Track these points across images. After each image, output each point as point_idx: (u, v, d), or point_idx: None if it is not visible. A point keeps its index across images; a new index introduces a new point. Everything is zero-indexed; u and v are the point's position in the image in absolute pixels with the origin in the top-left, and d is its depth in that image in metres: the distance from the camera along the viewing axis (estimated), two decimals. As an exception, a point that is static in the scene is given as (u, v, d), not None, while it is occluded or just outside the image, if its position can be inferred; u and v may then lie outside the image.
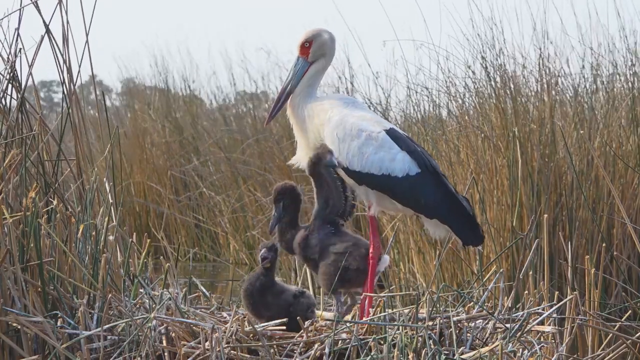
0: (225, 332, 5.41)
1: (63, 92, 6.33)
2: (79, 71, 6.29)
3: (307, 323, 5.43)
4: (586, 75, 10.01)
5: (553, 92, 9.77)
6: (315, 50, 5.76)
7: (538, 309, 5.64)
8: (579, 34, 10.07)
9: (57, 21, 6.33)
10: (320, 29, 5.78)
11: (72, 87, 6.27)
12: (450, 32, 9.88)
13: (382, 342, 5.33)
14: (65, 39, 6.26)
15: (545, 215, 7.21)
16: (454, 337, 5.39)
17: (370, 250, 5.65)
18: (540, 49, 9.79)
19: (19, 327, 5.54)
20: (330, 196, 5.74)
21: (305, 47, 5.77)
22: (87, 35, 6.25)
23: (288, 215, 5.78)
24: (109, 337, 5.51)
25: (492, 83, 9.66)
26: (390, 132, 5.66)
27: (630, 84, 9.86)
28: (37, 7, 6.24)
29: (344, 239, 5.74)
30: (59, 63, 6.28)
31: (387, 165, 5.63)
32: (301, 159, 5.78)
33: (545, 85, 9.70)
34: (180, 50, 18.40)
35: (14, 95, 6.23)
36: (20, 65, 6.27)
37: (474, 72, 9.78)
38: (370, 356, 5.27)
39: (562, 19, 10.14)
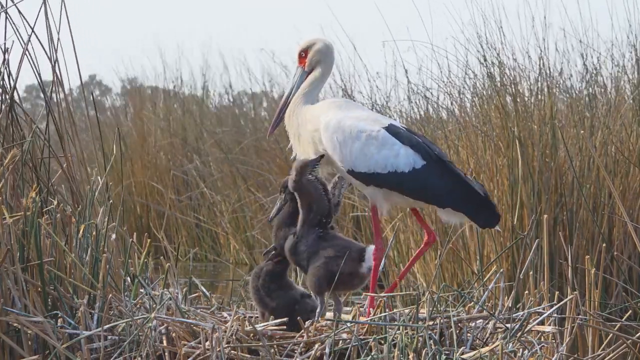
0: (225, 332, 5.41)
1: (44, 92, 6.33)
2: (61, 71, 6.29)
3: (307, 323, 5.43)
4: (587, 73, 10.01)
5: (554, 91, 9.77)
6: (311, 59, 5.77)
7: (538, 309, 5.64)
8: (580, 33, 10.08)
9: (53, 19, 6.33)
10: (316, 37, 5.80)
11: (58, 84, 6.27)
12: (450, 32, 9.89)
13: (382, 342, 5.34)
14: (50, 40, 6.26)
15: (546, 216, 7.21)
16: (455, 337, 5.39)
17: (373, 252, 5.67)
18: (540, 48, 9.80)
19: (19, 327, 5.54)
20: (313, 201, 5.73)
21: (302, 56, 5.79)
22: (71, 35, 6.25)
23: (289, 209, 5.79)
24: (109, 337, 5.51)
25: (493, 82, 9.67)
26: (390, 129, 5.67)
27: (633, 83, 9.86)
28: (18, 10, 6.24)
29: (333, 243, 5.74)
30: (36, 67, 6.28)
31: (392, 162, 5.63)
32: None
33: (546, 85, 9.71)
34: (181, 50, 18.41)
35: (3, 98, 6.24)
36: (9, 67, 6.27)
37: (474, 72, 9.78)
38: (370, 356, 5.27)
39: (563, 18, 10.16)
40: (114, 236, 5.93)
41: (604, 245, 6.93)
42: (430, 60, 9.95)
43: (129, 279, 5.89)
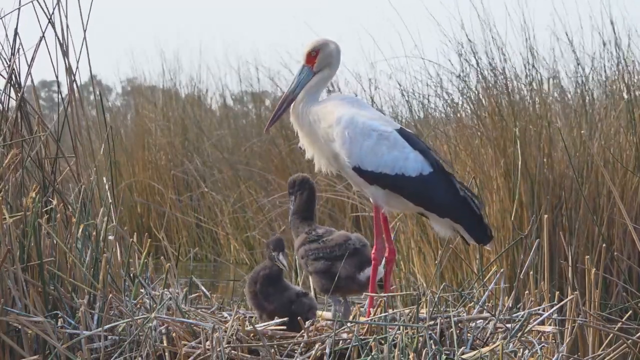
0: (225, 332, 5.41)
1: (58, 90, 6.33)
2: (77, 67, 6.29)
3: (307, 323, 5.43)
4: (580, 75, 10.03)
5: (550, 93, 9.80)
6: (321, 60, 5.74)
7: (538, 309, 5.64)
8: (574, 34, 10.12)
9: (56, 20, 6.33)
10: (327, 39, 5.77)
11: (72, 84, 6.26)
12: (442, 38, 9.94)
13: (382, 342, 5.34)
14: (64, 38, 6.26)
15: (546, 216, 7.21)
16: (455, 337, 5.40)
17: (373, 252, 5.69)
18: (532, 49, 9.82)
19: (20, 327, 5.54)
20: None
21: (312, 56, 5.75)
22: (84, 32, 6.25)
23: (304, 200, 5.87)
24: (109, 337, 5.51)
25: (488, 84, 9.68)
26: (401, 132, 5.68)
27: (624, 85, 9.88)
28: (40, 4, 6.24)
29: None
30: (55, 63, 6.28)
31: (400, 164, 5.62)
32: (322, 165, 5.75)
33: (538, 85, 9.73)
34: (182, 50, 18.41)
35: (13, 95, 6.23)
36: (19, 65, 6.27)
37: (468, 74, 9.81)
38: (371, 356, 5.27)
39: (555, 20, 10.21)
40: (112, 237, 5.93)
41: (604, 245, 6.93)
42: (426, 64, 10.00)
43: (129, 279, 5.89)
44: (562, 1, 10.85)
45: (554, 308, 5.64)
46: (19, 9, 6.23)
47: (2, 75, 6.23)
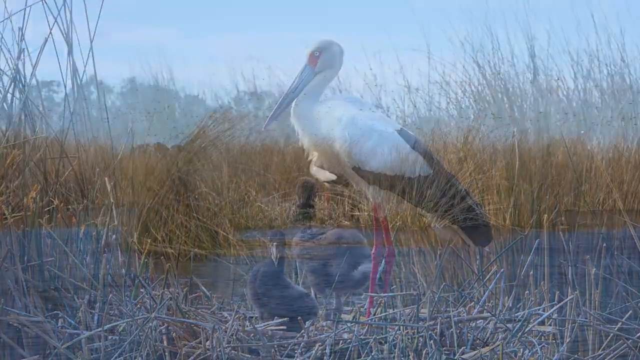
0: (226, 332, 5.41)
1: (64, 90, 6.34)
2: (89, 72, 6.31)
3: (307, 323, 5.44)
4: (579, 73, 10.05)
5: (550, 91, 9.81)
6: (323, 61, 5.76)
7: (538, 309, 5.64)
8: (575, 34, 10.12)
9: (61, 22, 6.34)
10: (331, 40, 5.79)
11: (76, 85, 6.27)
12: (445, 38, 9.96)
13: (383, 342, 5.34)
14: (69, 40, 6.26)
15: (545, 215, 7.21)
16: (455, 337, 5.39)
17: (373, 252, 5.69)
18: (532, 48, 9.84)
19: (20, 327, 5.54)
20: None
21: (315, 56, 5.77)
22: (91, 39, 6.25)
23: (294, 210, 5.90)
24: (109, 337, 5.51)
25: (488, 83, 9.69)
26: (402, 132, 5.68)
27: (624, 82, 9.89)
28: (47, 4, 6.25)
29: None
30: (59, 63, 6.28)
31: (400, 165, 5.63)
32: (323, 164, 5.76)
33: (539, 84, 9.74)
34: (181, 49, 18.41)
35: (17, 95, 6.24)
36: (23, 66, 6.28)
37: (469, 74, 9.82)
38: (371, 356, 5.27)
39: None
40: (112, 237, 5.94)
41: (604, 245, 6.92)
42: (429, 65, 10.00)
43: (129, 278, 5.89)
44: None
45: (554, 308, 5.65)
46: (24, 9, 6.24)
47: (7, 75, 6.24)
